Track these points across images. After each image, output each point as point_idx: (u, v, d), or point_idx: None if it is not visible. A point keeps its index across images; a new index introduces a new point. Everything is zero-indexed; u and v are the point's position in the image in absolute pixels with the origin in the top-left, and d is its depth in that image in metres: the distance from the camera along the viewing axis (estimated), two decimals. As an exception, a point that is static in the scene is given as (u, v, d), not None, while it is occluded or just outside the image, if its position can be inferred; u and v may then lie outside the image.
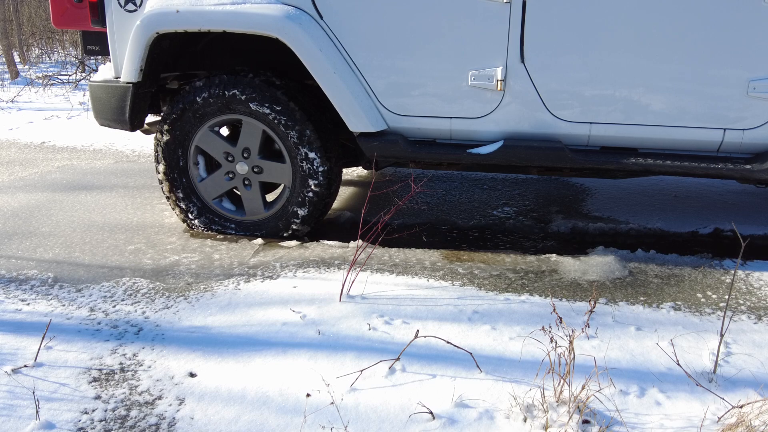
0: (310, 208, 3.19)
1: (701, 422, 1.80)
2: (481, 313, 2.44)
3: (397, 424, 1.82)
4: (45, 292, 2.66)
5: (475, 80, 2.86)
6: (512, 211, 3.96)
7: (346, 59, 2.95)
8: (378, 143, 3.02)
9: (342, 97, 2.95)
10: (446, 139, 3.05)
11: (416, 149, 3.02)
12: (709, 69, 2.72)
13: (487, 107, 2.91)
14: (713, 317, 2.46)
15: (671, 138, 2.85)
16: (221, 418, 1.86)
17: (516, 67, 2.83)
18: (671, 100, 2.79)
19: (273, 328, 2.34)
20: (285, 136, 3.07)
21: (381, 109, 3.02)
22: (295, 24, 2.85)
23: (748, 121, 2.76)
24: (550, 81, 2.85)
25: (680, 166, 2.83)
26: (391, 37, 2.90)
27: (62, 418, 1.86)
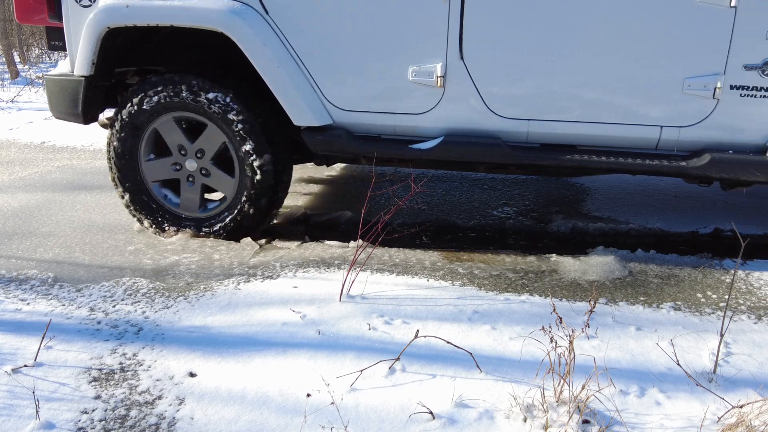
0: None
1: (701, 422, 1.81)
2: (481, 313, 2.44)
3: (397, 424, 1.82)
4: (45, 292, 2.66)
5: (415, 76, 2.90)
6: (512, 211, 3.96)
7: (291, 54, 2.98)
8: (322, 138, 3.05)
9: (286, 92, 2.97)
10: (391, 135, 3.08)
11: (359, 144, 3.06)
12: (645, 67, 2.75)
13: (428, 103, 2.95)
14: (713, 317, 2.46)
15: (610, 135, 2.88)
16: (221, 418, 1.86)
17: (455, 63, 2.86)
18: (609, 98, 2.83)
19: (273, 328, 2.34)
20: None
21: (326, 104, 3.05)
22: (239, 18, 2.88)
23: (684, 118, 2.79)
24: (489, 78, 2.88)
25: (618, 162, 2.86)
26: (334, 32, 2.93)
27: (62, 417, 1.86)
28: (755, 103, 2.71)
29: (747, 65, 2.66)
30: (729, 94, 2.71)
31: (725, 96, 2.71)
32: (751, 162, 2.74)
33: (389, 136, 3.08)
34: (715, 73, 2.69)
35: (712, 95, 2.71)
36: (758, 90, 2.69)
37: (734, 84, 2.70)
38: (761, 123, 2.75)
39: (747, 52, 2.65)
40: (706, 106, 2.75)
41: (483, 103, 2.90)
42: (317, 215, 3.83)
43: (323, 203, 4.09)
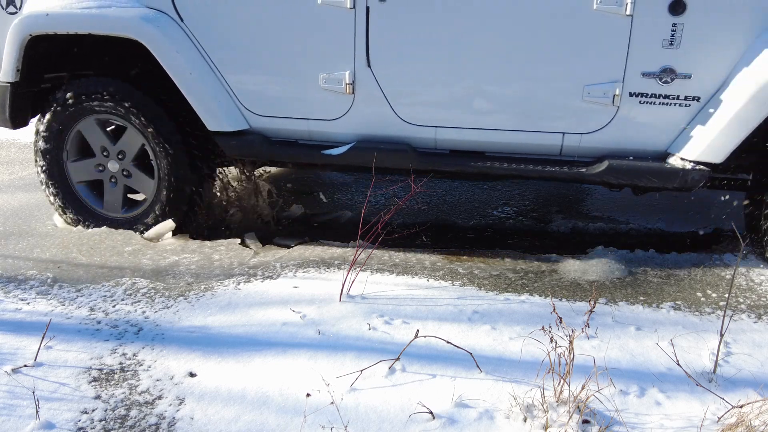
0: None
1: (701, 422, 1.81)
2: (481, 313, 2.44)
3: (397, 424, 1.82)
4: (44, 292, 2.66)
5: (326, 83, 2.95)
6: (512, 211, 3.96)
7: (207, 61, 3.03)
8: (235, 143, 3.11)
9: (199, 98, 3.03)
10: (306, 140, 3.14)
11: (273, 149, 3.11)
12: (545, 75, 2.79)
13: (339, 110, 3.00)
14: (713, 316, 2.46)
15: (516, 142, 2.92)
16: (221, 417, 1.86)
17: (363, 71, 2.91)
18: (512, 106, 2.86)
19: (273, 328, 2.34)
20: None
21: (243, 110, 3.10)
22: (153, 26, 2.93)
23: (585, 125, 2.82)
24: (396, 86, 2.93)
25: (521, 169, 2.90)
26: (248, 40, 2.98)
27: (62, 417, 1.86)
28: (654, 110, 2.73)
29: (645, 72, 2.68)
30: (628, 101, 2.74)
31: (624, 103, 2.74)
32: (648, 168, 2.77)
33: (306, 141, 3.14)
34: (614, 81, 2.72)
35: (611, 102, 2.74)
36: (657, 97, 2.71)
37: (633, 91, 2.72)
38: (661, 130, 2.77)
39: (644, 59, 2.67)
40: (606, 113, 2.77)
41: (392, 110, 2.95)
42: (317, 215, 3.83)
43: (323, 203, 4.09)
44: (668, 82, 2.66)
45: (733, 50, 2.60)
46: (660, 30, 2.61)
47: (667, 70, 2.65)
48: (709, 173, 2.70)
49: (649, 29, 2.62)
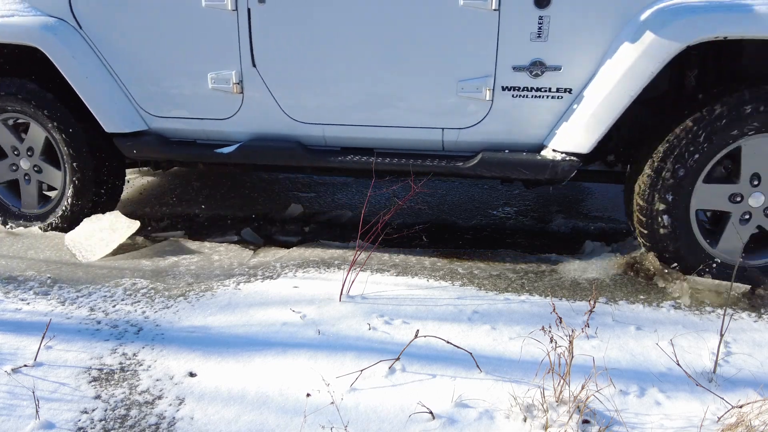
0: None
1: (701, 422, 1.81)
2: (481, 312, 2.44)
3: (397, 424, 1.82)
4: (44, 292, 2.66)
5: (214, 83, 3.01)
6: (512, 211, 3.97)
7: (105, 65, 3.13)
8: (132, 143, 3.19)
9: (95, 101, 3.11)
10: (203, 140, 3.21)
11: (169, 149, 3.20)
12: (423, 71, 2.81)
13: (230, 109, 3.07)
14: (713, 316, 2.46)
15: (402, 138, 2.96)
16: (221, 417, 1.86)
17: (250, 71, 2.97)
18: (393, 102, 2.90)
19: (273, 328, 2.34)
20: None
21: (141, 112, 3.19)
22: (50, 33, 3.03)
23: (462, 120, 2.84)
24: (282, 85, 2.98)
25: (404, 164, 2.93)
26: (141, 44, 3.06)
27: (62, 417, 1.86)
28: (528, 104, 2.75)
29: (515, 66, 2.70)
30: (501, 95, 2.75)
31: (498, 97, 2.76)
32: (518, 161, 2.79)
33: (203, 141, 3.21)
34: (486, 75, 2.73)
35: (485, 97, 2.76)
36: (529, 90, 2.72)
37: (505, 85, 2.73)
38: (536, 122, 2.79)
39: (514, 53, 2.69)
40: (481, 107, 2.80)
41: (279, 108, 3.01)
42: (317, 215, 3.83)
43: (323, 203, 4.09)
44: (539, 75, 2.68)
45: (599, 42, 2.62)
46: (527, 23, 2.64)
47: (536, 63, 2.67)
48: (579, 164, 2.72)
49: (516, 23, 2.64)
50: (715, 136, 2.54)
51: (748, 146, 2.58)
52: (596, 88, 2.63)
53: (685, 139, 2.56)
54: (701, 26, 2.41)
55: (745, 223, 2.68)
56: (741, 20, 2.40)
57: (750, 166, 2.61)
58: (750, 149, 2.58)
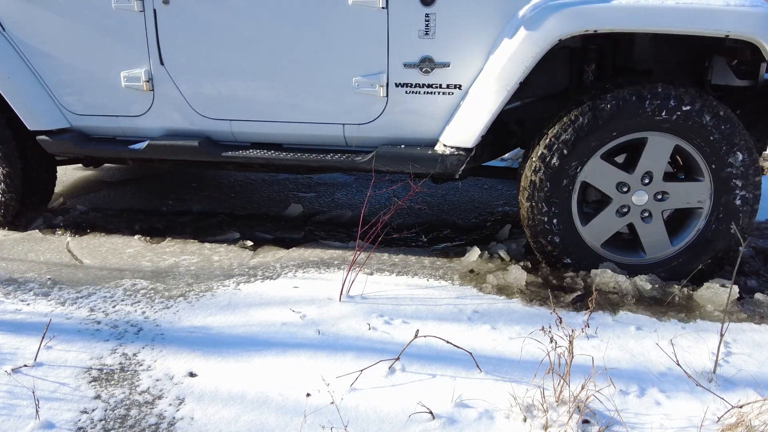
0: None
1: (701, 422, 1.81)
2: (481, 312, 2.44)
3: (397, 423, 1.82)
4: (44, 293, 2.66)
5: (126, 81, 3.09)
6: (512, 211, 3.96)
7: (28, 65, 3.21)
8: (51, 141, 3.27)
9: (17, 99, 3.20)
10: (121, 137, 3.29)
11: (89, 146, 3.28)
12: (318, 69, 2.88)
13: (142, 106, 3.15)
14: (713, 316, 2.46)
15: (305, 133, 3.03)
16: (221, 417, 1.86)
17: (158, 69, 3.05)
18: (293, 99, 2.96)
19: (273, 328, 2.34)
20: None
21: (62, 110, 3.26)
22: None
23: (360, 116, 2.91)
24: (190, 82, 3.05)
25: (305, 158, 3.00)
26: (59, 44, 3.13)
27: (62, 417, 1.86)
28: (421, 99, 2.80)
29: (406, 63, 2.75)
30: (395, 91, 2.80)
31: (392, 94, 2.81)
32: (410, 155, 2.83)
33: (121, 137, 3.28)
34: (380, 72, 2.78)
35: (380, 93, 2.81)
36: (421, 86, 2.77)
37: (398, 82, 2.79)
38: (430, 118, 2.83)
39: (405, 50, 2.73)
40: (377, 104, 2.85)
41: (188, 105, 3.08)
42: (317, 215, 3.83)
43: (323, 203, 4.09)
44: (429, 71, 2.73)
45: (485, 39, 2.67)
46: (414, 21, 2.68)
47: (426, 60, 2.71)
48: (465, 158, 2.76)
49: (404, 21, 2.69)
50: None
51: (654, 141, 2.58)
52: (480, 84, 2.68)
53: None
54: (571, 21, 2.46)
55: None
56: (609, 13, 2.44)
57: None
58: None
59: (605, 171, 2.64)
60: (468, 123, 2.71)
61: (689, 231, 2.69)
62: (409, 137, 2.90)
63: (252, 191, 4.34)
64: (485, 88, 2.64)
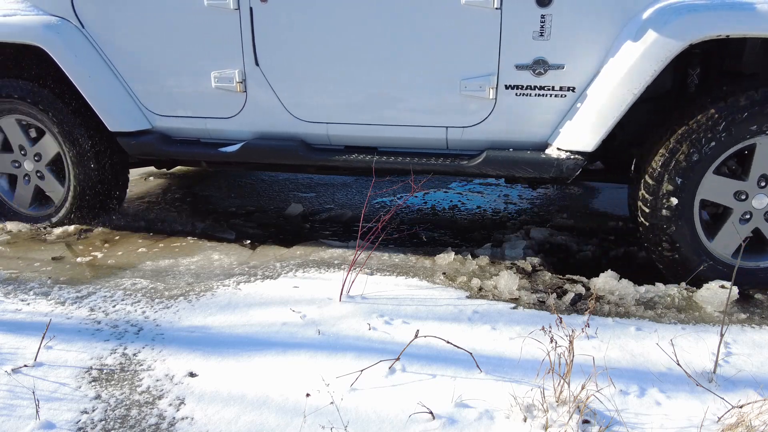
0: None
1: (701, 422, 1.81)
2: (481, 313, 2.44)
3: (397, 424, 1.82)
4: (44, 292, 2.66)
5: (218, 82, 3.02)
6: (514, 210, 3.97)
7: (108, 64, 3.15)
8: (135, 142, 3.20)
9: (98, 100, 3.13)
10: (206, 139, 3.22)
11: (173, 148, 3.21)
12: (426, 70, 2.81)
13: (233, 108, 3.08)
14: (713, 317, 2.46)
15: (405, 137, 2.96)
16: (221, 417, 1.86)
17: (253, 70, 2.98)
18: (397, 101, 2.90)
19: (273, 327, 2.34)
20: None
21: (144, 110, 3.20)
22: (53, 33, 3.04)
23: (465, 119, 2.84)
24: (286, 83, 2.98)
25: (407, 162, 2.94)
26: (144, 43, 3.07)
27: (62, 417, 1.86)
28: (531, 102, 2.74)
29: (518, 65, 2.69)
30: (504, 94, 2.75)
31: (501, 96, 2.76)
32: (524, 159, 2.78)
33: (207, 140, 3.22)
34: (490, 74, 2.73)
35: (488, 95, 2.75)
36: (532, 89, 2.72)
37: (508, 84, 2.73)
38: (540, 121, 2.78)
39: (517, 52, 2.68)
40: (485, 106, 2.79)
41: (283, 107, 3.01)
42: (317, 215, 3.83)
43: (323, 203, 4.09)
44: (542, 73, 2.68)
45: (602, 40, 2.61)
46: (529, 22, 2.63)
47: (539, 62, 2.66)
48: (583, 162, 2.71)
49: (518, 21, 2.64)
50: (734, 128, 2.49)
51: (764, 145, 2.54)
52: (599, 87, 2.61)
53: (704, 125, 2.50)
54: (703, 24, 2.40)
55: (744, 223, 2.68)
56: (743, 18, 2.39)
57: (761, 166, 2.57)
58: (765, 148, 2.54)
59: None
60: (587, 127, 2.63)
61: None
62: (515, 140, 2.84)
63: (252, 190, 4.34)
64: (607, 91, 2.56)
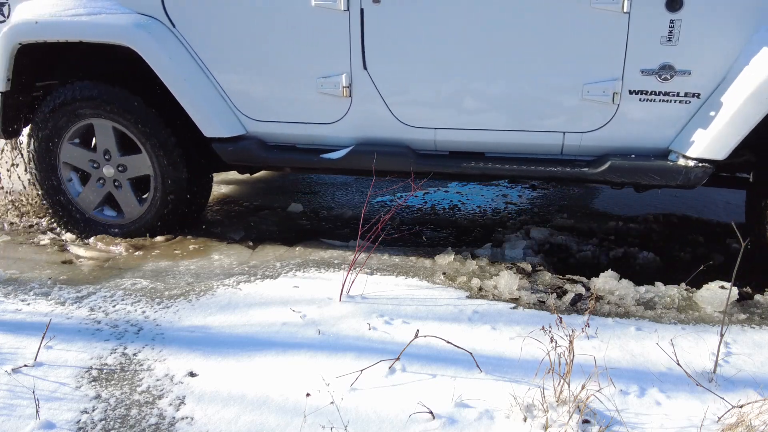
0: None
1: (701, 422, 1.81)
2: (481, 312, 2.44)
3: (397, 423, 1.82)
4: (44, 292, 2.66)
5: (323, 87, 2.93)
6: (514, 210, 3.97)
7: (201, 66, 3.01)
8: (232, 148, 3.09)
9: (194, 104, 3.01)
10: (304, 144, 3.12)
11: (270, 154, 3.09)
12: (545, 73, 2.76)
13: (336, 113, 2.98)
14: (713, 317, 2.46)
15: (516, 142, 2.90)
16: (221, 417, 1.86)
17: (360, 74, 2.89)
18: (513, 105, 2.84)
19: (273, 327, 2.34)
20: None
21: (239, 115, 3.08)
22: (145, 33, 2.91)
23: (585, 124, 2.80)
24: (394, 87, 2.90)
25: (523, 169, 2.88)
26: (242, 45, 2.96)
27: (62, 417, 1.86)
28: (654, 107, 2.71)
29: (644, 70, 2.66)
30: (628, 99, 2.71)
31: (624, 101, 2.72)
32: (650, 167, 2.74)
33: (304, 146, 3.12)
34: (614, 78, 2.69)
35: (611, 100, 2.71)
36: (656, 94, 2.69)
37: (633, 89, 2.69)
38: (662, 127, 2.75)
39: (643, 56, 2.65)
40: (607, 111, 2.75)
41: (390, 112, 2.92)
42: (317, 214, 3.83)
43: (323, 203, 4.09)
44: (667, 78, 2.64)
45: (731, 46, 2.58)
46: (658, 27, 2.59)
47: (666, 67, 2.63)
48: (712, 170, 2.67)
49: (646, 26, 2.60)
50: None
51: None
52: (731, 94, 2.56)
53: None
54: None
55: None
56: None
57: None
58: None
59: None
60: (717, 134, 2.57)
61: None
62: (634, 146, 2.79)
63: (252, 190, 4.34)
64: (741, 98, 2.51)
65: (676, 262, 3.13)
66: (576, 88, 2.74)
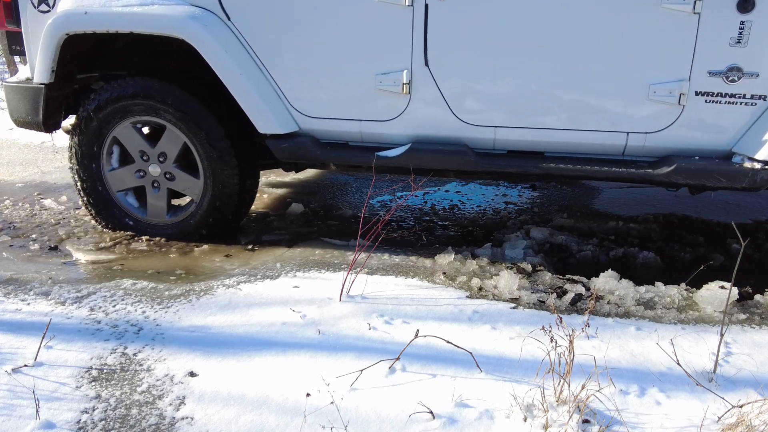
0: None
1: (701, 422, 1.81)
2: (481, 312, 2.44)
3: (397, 423, 1.82)
4: (44, 292, 2.66)
5: (381, 83, 2.88)
6: (514, 210, 3.97)
7: (255, 61, 2.95)
8: (287, 145, 3.04)
9: (249, 99, 2.95)
10: (358, 142, 3.06)
11: (325, 151, 3.04)
12: (611, 73, 2.74)
13: (394, 110, 2.93)
14: (713, 317, 2.46)
15: (577, 142, 2.87)
16: (221, 417, 1.86)
17: (421, 70, 2.84)
18: (575, 105, 2.81)
19: (273, 327, 2.34)
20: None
21: (292, 111, 3.03)
22: (199, 25, 2.85)
23: (650, 124, 2.77)
24: (455, 85, 2.86)
25: (584, 170, 2.85)
26: (299, 39, 2.90)
27: (62, 417, 1.86)
28: (720, 110, 2.69)
29: (711, 71, 2.64)
30: (694, 100, 2.69)
31: (690, 102, 2.70)
32: (716, 169, 2.72)
33: (357, 143, 3.07)
34: (680, 80, 2.67)
35: (677, 101, 2.69)
36: (723, 96, 2.67)
37: (699, 90, 2.68)
38: (726, 129, 2.73)
39: (711, 58, 2.63)
40: (672, 112, 2.73)
41: (449, 110, 2.88)
42: (318, 214, 3.83)
43: (324, 202, 4.09)
44: (735, 80, 2.62)
45: None
46: (727, 28, 2.57)
47: (733, 69, 2.61)
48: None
49: (716, 27, 2.58)
50: None
51: None
52: None
53: None
54: None
55: None
56: None
57: None
58: None
59: None
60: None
61: None
62: (697, 148, 2.77)
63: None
64: None
65: (676, 262, 3.14)
66: (642, 89, 2.71)
